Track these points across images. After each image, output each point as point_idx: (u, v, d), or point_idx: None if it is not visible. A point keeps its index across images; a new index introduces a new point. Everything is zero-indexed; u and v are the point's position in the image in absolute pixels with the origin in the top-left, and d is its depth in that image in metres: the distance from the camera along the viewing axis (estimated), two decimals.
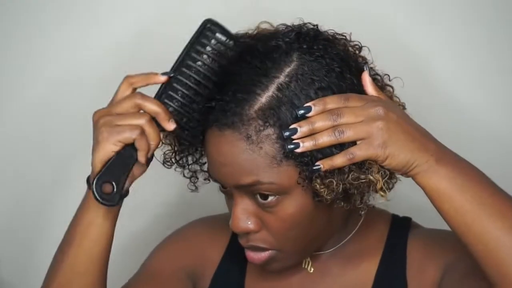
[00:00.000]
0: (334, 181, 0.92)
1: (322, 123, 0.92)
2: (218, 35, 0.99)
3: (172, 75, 0.99)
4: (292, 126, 0.92)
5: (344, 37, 1.00)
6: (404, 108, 1.01)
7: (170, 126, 0.98)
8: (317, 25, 1.00)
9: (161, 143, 1.01)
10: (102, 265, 1.04)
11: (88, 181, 1.01)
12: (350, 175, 0.92)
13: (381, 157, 0.92)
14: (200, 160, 1.04)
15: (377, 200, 0.97)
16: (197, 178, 1.05)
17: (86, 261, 1.02)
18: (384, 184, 0.94)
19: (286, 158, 0.93)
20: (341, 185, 0.93)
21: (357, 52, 1.00)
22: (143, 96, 0.98)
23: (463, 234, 0.92)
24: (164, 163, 1.05)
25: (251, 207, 0.97)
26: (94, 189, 0.97)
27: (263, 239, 0.99)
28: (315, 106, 0.92)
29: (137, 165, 1.00)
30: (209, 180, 1.04)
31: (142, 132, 0.97)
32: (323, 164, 0.92)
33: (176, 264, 1.13)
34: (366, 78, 0.96)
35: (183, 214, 1.27)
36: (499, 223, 0.91)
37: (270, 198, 0.96)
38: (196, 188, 1.06)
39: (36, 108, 1.38)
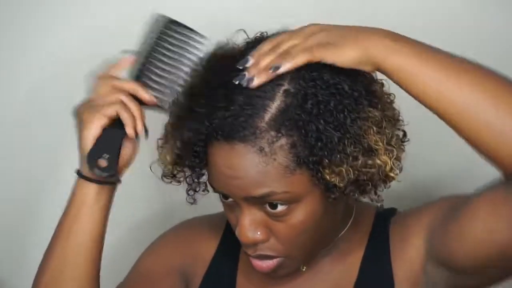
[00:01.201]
0: (344, 169, 0.92)
1: (267, 56, 0.93)
2: (176, 28, 1.03)
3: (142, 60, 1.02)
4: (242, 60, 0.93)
5: None
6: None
7: (149, 97, 1.00)
8: None
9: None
10: (94, 256, 1.03)
11: (78, 173, 1.02)
12: (359, 162, 0.93)
13: (337, 52, 0.92)
14: (200, 172, 1.02)
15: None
16: (196, 191, 1.04)
17: (76, 251, 1.02)
18: (394, 165, 0.95)
19: (299, 167, 0.93)
20: (351, 172, 0.93)
21: None
22: (116, 78, 1.01)
23: (443, 108, 0.90)
24: (163, 177, 1.03)
25: (259, 217, 0.97)
26: (88, 163, 0.99)
27: (271, 247, 0.99)
28: (251, 56, 0.94)
29: (127, 143, 1.02)
30: (207, 191, 1.03)
31: (124, 105, 0.99)
32: (284, 66, 0.92)
33: (169, 264, 1.12)
34: None
35: (175, 215, 1.26)
36: (479, 88, 0.89)
37: (281, 208, 0.95)
38: (195, 200, 1.05)
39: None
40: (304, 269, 1.07)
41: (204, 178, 1.02)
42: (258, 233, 0.97)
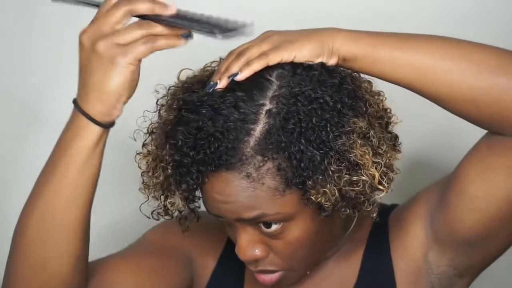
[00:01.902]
0: (328, 189, 0.91)
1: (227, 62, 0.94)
2: None
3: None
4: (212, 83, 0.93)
5: None
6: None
7: (170, 9, 0.90)
8: None
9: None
10: (87, 200, 0.96)
11: (75, 102, 0.93)
12: (343, 180, 0.92)
13: (294, 47, 0.93)
14: (192, 199, 1.01)
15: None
16: (186, 219, 1.03)
17: (70, 191, 0.95)
18: (382, 177, 0.94)
19: (288, 188, 0.92)
20: (336, 191, 0.92)
21: None
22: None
23: (411, 78, 0.92)
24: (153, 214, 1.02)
25: (256, 236, 0.97)
26: None
27: (271, 262, 1.00)
28: (216, 77, 0.93)
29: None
30: (199, 218, 1.03)
31: (149, 38, 0.90)
32: (242, 72, 0.92)
33: (178, 242, 1.12)
34: None
35: None
36: (445, 53, 0.91)
37: (275, 227, 0.95)
38: (187, 228, 1.04)
39: None
40: (308, 273, 1.06)
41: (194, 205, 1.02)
42: (256, 250, 0.98)
